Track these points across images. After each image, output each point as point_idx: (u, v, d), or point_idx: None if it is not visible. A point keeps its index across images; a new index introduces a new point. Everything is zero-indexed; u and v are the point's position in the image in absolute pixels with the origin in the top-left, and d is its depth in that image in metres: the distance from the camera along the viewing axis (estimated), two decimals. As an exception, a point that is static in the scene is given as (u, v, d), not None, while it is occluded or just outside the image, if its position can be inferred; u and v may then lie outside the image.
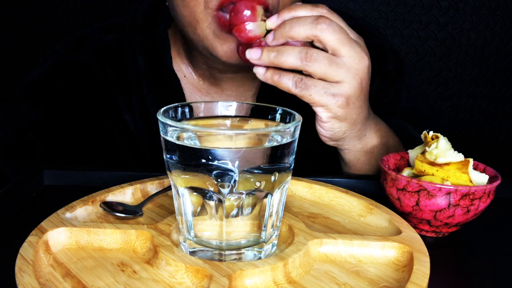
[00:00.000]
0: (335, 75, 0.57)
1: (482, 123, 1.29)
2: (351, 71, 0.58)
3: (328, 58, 0.57)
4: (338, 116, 0.61)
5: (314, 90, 0.58)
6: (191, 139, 0.42)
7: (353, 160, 0.70)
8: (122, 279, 0.41)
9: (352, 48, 0.58)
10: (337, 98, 0.59)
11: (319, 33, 0.56)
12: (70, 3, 1.21)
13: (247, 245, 0.44)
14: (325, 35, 0.56)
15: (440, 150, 0.54)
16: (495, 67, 1.26)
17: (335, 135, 0.64)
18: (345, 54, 0.58)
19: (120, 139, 0.80)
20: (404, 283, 0.40)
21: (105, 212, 0.51)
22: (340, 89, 0.58)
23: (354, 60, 0.58)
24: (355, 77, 0.59)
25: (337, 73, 0.57)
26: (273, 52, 0.57)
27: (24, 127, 0.78)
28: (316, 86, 0.58)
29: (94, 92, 0.80)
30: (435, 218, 0.52)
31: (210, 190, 0.41)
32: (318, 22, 0.56)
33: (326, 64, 0.57)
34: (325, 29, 0.56)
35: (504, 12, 1.22)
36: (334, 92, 0.58)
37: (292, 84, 0.58)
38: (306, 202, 0.58)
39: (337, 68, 0.57)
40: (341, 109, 0.60)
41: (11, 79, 1.27)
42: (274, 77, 0.59)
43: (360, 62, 0.59)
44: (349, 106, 0.60)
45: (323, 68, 0.57)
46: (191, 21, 0.66)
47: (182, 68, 0.81)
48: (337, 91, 0.59)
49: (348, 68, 0.58)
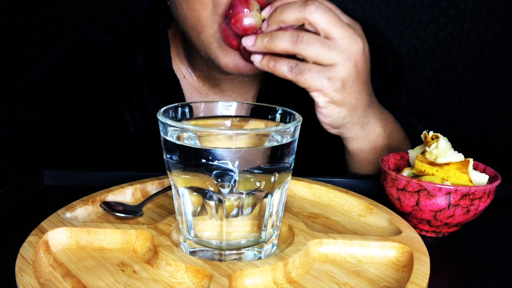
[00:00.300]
0: (328, 58, 0.57)
1: (482, 123, 1.29)
2: (344, 53, 0.58)
3: (320, 41, 0.57)
4: (335, 101, 0.60)
5: (309, 74, 0.58)
6: (191, 139, 0.42)
7: (356, 150, 0.69)
8: (122, 279, 0.41)
9: (344, 30, 0.58)
10: (332, 81, 0.59)
11: (308, 15, 0.56)
12: (70, 3, 1.21)
13: (247, 245, 0.44)
14: (314, 16, 0.56)
15: (440, 150, 0.54)
16: (495, 67, 1.26)
17: (335, 121, 0.64)
18: (336, 36, 0.57)
19: (120, 139, 0.80)
20: (404, 283, 0.40)
21: (105, 212, 0.51)
22: (335, 72, 0.58)
23: (347, 42, 0.58)
24: (349, 59, 0.58)
25: (329, 56, 0.57)
26: (266, 37, 0.58)
27: (24, 127, 0.78)
28: (310, 70, 0.58)
29: (94, 92, 0.80)
30: (435, 218, 0.52)
31: (210, 190, 0.41)
32: (307, 4, 0.56)
33: (318, 47, 0.57)
34: (314, 11, 0.56)
35: (504, 12, 1.22)
36: (329, 75, 0.58)
37: (288, 69, 0.58)
38: (306, 202, 0.58)
39: (330, 50, 0.57)
40: (338, 93, 0.60)
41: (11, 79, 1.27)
42: (269, 64, 0.59)
43: (353, 44, 0.58)
44: (346, 90, 0.60)
45: (315, 50, 0.57)
46: (195, 24, 0.66)
47: (182, 69, 0.81)
48: (332, 74, 0.58)
49: (341, 50, 0.57)
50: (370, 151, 0.69)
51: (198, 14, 0.64)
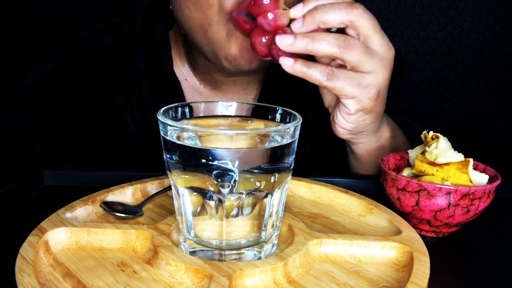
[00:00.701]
0: (369, 64, 0.56)
1: (482, 123, 1.30)
2: (384, 61, 0.57)
3: (364, 47, 0.55)
4: (367, 109, 0.59)
5: (347, 82, 0.56)
6: (191, 139, 0.42)
7: (365, 154, 0.68)
8: (122, 279, 0.41)
9: (383, 36, 0.57)
10: (369, 89, 0.57)
11: (356, 18, 0.54)
12: (70, 3, 1.21)
13: (247, 245, 0.44)
14: (362, 20, 0.54)
15: (440, 150, 0.54)
16: (495, 67, 1.26)
17: (357, 128, 0.62)
18: (376, 42, 0.56)
19: (120, 139, 0.80)
20: (404, 283, 0.40)
21: (105, 212, 0.51)
22: (373, 80, 0.57)
23: (385, 49, 0.57)
24: (386, 67, 0.57)
25: (371, 62, 0.56)
26: (307, 38, 0.54)
27: (24, 127, 0.78)
28: (349, 78, 0.56)
29: (94, 92, 0.80)
30: (435, 218, 0.52)
31: (210, 190, 0.41)
32: (355, 7, 0.54)
33: (363, 53, 0.55)
34: (362, 14, 0.54)
35: (504, 12, 1.22)
36: (366, 83, 0.56)
37: (323, 76, 0.55)
38: (306, 202, 0.58)
39: (372, 57, 0.56)
40: (371, 101, 0.58)
41: (11, 79, 1.27)
42: (303, 69, 0.55)
43: (389, 51, 0.57)
44: (379, 98, 0.59)
45: (360, 56, 0.55)
46: (202, 24, 0.65)
47: (183, 71, 0.81)
48: (370, 82, 0.57)
49: (381, 58, 0.56)
50: (377, 154, 0.68)
51: (205, 14, 0.64)
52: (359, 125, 0.62)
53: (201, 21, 0.65)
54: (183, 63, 0.80)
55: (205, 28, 0.66)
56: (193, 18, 0.66)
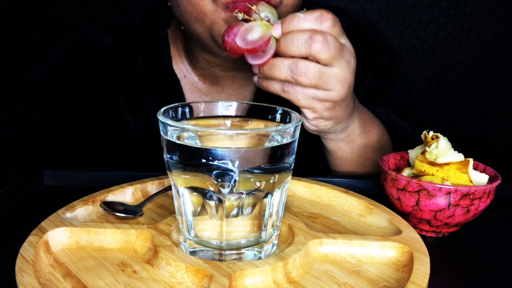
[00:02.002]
0: (325, 85, 0.59)
1: (482, 123, 1.29)
2: (340, 81, 0.59)
3: (317, 72, 0.58)
4: (324, 117, 0.63)
5: (302, 96, 0.59)
6: (192, 139, 0.42)
7: (334, 148, 0.71)
8: (122, 279, 0.41)
9: (342, 59, 0.59)
10: (324, 103, 0.60)
11: (314, 53, 0.57)
12: (70, 3, 1.21)
13: (247, 245, 0.44)
14: (320, 55, 0.57)
15: (440, 150, 0.54)
16: (495, 67, 1.26)
17: (320, 130, 0.66)
18: (335, 66, 0.58)
19: (120, 139, 0.80)
20: (404, 283, 0.40)
21: (105, 212, 0.51)
22: (328, 96, 0.60)
23: (343, 70, 0.59)
24: (343, 85, 0.60)
25: (326, 84, 0.59)
26: (267, 66, 0.59)
27: (25, 127, 0.78)
28: (304, 92, 0.59)
29: (94, 92, 0.80)
30: (435, 218, 0.52)
31: (210, 190, 0.41)
32: (313, 41, 0.56)
33: (316, 78, 0.58)
34: (319, 49, 0.56)
35: (504, 12, 1.22)
36: (321, 97, 0.60)
37: (280, 89, 0.60)
38: (306, 202, 0.58)
39: (327, 79, 0.58)
40: (328, 111, 0.62)
41: (11, 79, 1.27)
42: (263, 83, 0.61)
43: (347, 70, 0.60)
44: (335, 108, 0.62)
45: (313, 81, 0.58)
46: (198, 15, 0.66)
47: (182, 68, 0.81)
48: (325, 97, 0.60)
49: (337, 78, 0.59)
50: (348, 149, 0.71)
51: (199, 6, 0.65)
52: (321, 128, 0.65)
53: (195, 14, 0.66)
54: (182, 60, 0.81)
55: (201, 19, 0.66)
56: (189, 11, 0.67)
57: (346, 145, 0.70)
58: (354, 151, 0.71)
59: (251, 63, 0.59)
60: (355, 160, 0.72)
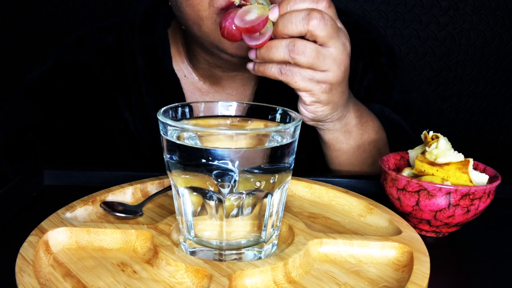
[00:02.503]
0: (321, 65, 0.59)
1: (482, 123, 1.29)
2: (336, 61, 0.60)
3: (315, 50, 0.59)
4: (322, 101, 0.63)
5: (299, 77, 0.60)
6: (192, 139, 0.42)
7: (331, 139, 0.71)
8: (122, 279, 0.41)
9: (338, 39, 0.60)
10: (321, 84, 0.61)
11: (312, 29, 0.57)
12: (70, 3, 1.21)
13: (247, 245, 0.44)
14: (317, 31, 0.58)
15: (440, 150, 0.54)
16: (495, 67, 1.26)
17: (317, 117, 0.66)
18: (331, 46, 0.59)
19: (120, 139, 0.80)
20: (404, 283, 0.40)
21: (105, 212, 0.51)
22: (325, 77, 0.60)
23: (339, 51, 0.60)
24: (339, 67, 0.61)
25: (323, 64, 0.59)
26: (263, 49, 0.60)
27: (25, 127, 0.78)
28: (301, 73, 0.60)
29: (94, 92, 0.80)
30: (435, 218, 0.52)
31: (210, 190, 0.41)
32: (310, 17, 0.57)
33: (313, 56, 0.59)
34: (317, 25, 0.57)
35: (504, 12, 1.22)
36: (319, 79, 0.60)
37: (278, 71, 0.60)
38: (306, 202, 0.58)
39: (324, 59, 0.59)
40: (325, 94, 0.62)
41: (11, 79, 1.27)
42: (260, 68, 0.62)
43: (343, 51, 0.61)
44: (332, 92, 0.62)
45: (310, 60, 0.59)
46: (195, 19, 0.67)
47: (182, 68, 0.81)
48: (322, 78, 0.60)
49: (334, 58, 0.60)
50: (345, 140, 0.71)
51: (197, 9, 0.65)
52: (318, 114, 0.65)
53: (193, 16, 0.67)
54: (183, 60, 0.81)
55: (198, 23, 0.67)
56: (187, 14, 0.67)
57: (343, 135, 0.71)
58: (351, 142, 0.71)
59: (249, 44, 0.59)
60: (351, 152, 0.72)
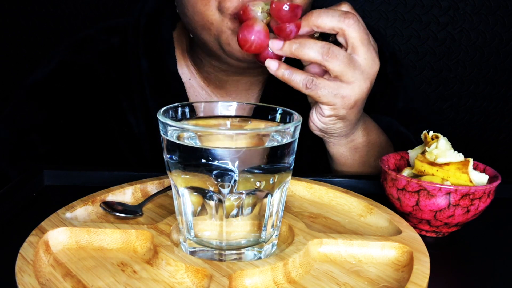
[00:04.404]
0: (350, 76, 0.58)
1: (482, 123, 1.30)
2: (364, 74, 0.59)
3: (347, 57, 0.58)
4: (340, 116, 0.62)
5: (325, 92, 0.59)
6: (191, 139, 0.42)
7: (336, 154, 0.71)
8: (122, 279, 0.41)
9: (369, 50, 0.59)
10: (346, 99, 0.60)
11: (346, 27, 0.57)
12: (70, 3, 1.21)
13: (247, 245, 0.44)
14: (351, 30, 0.57)
15: (440, 150, 0.54)
16: (495, 67, 1.26)
17: (327, 129, 0.65)
18: (361, 55, 0.58)
19: (122, 140, 0.80)
20: (404, 283, 0.40)
21: (105, 212, 0.51)
22: (351, 91, 0.59)
23: (368, 63, 0.59)
24: (366, 81, 0.60)
25: (352, 74, 0.58)
26: (295, 44, 0.58)
27: (28, 127, 0.78)
28: (327, 88, 0.59)
29: (98, 93, 0.80)
30: (435, 218, 0.52)
31: (210, 190, 0.41)
32: (347, 16, 0.57)
33: (345, 63, 0.57)
34: (352, 24, 0.57)
35: (504, 12, 1.22)
36: (344, 94, 0.59)
37: (303, 84, 0.59)
38: (306, 202, 0.58)
39: (354, 69, 0.58)
40: (346, 110, 0.61)
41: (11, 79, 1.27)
42: (285, 74, 0.59)
43: (373, 66, 0.60)
44: (354, 108, 0.61)
45: (341, 66, 0.57)
46: (204, 24, 0.66)
47: (186, 71, 0.81)
48: (347, 93, 0.59)
49: (362, 70, 0.59)
50: (350, 156, 0.71)
51: (206, 15, 0.64)
52: (330, 127, 0.65)
53: (201, 22, 0.66)
54: (187, 63, 0.80)
55: (208, 28, 0.66)
56: (195, 20, 0.66)
57: (349, 152, 0.70)
58: (356, 158, 0.71)
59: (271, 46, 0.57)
60: (356, 167, 0.72)
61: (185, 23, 0.71)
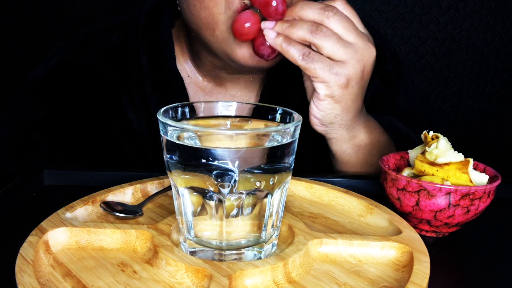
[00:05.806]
0: (342, 54, 0.59)
1: (482, 123, 1.30)
2: (357, 54, 0.60)
3: (337, 36, 0.59)
4: (335, 96, 0.62)
5: (320, 65, 0.60)
6: (191, 139, 0.42)
7: (339, 152, 0.71)
8: (122, 279, 0.41)
9: (358, 36, 0.60)
10: (339, 77, 0.61)
11: (326, 19, 0.58)
12: (70, 3, 1.21)
13: (247, 245, 0.44)
14: (331, 21, 0.58)
15: (440, 150, 0.54)
16: (495, 67, 1.26)
17: (326, 118, 0.65)
18: (351, 41, 0.60)
19: (123, 138, 0.80)
20: (404, 283, 0.40)
21: (105, 212, 0.51)
22: (344, 69, 0.60)
23: (361, 46, 0.60)
24: (359, 61, 0.61)
25: (344, 52, 0.59)
26: (286, 24, 0.60)
27: (29, 124, 0.78)
28: (322, 61, 0.60)
29: (98, 91, 0.80)
30: (435, 218, 0.52)
31: (210, 190, 0.41)
32: (327, 9, 0.58)
33: (335, 41, 0.59)
34: (332, 16, 0.58)
35: (504, 12, 1.22)
36: (337, 70, 0.60)
37: (299, 54, 0.60)
38: (306, 202, 0.58)
39: (345, 48, 0.59)
40: (340, 89, 0.61)
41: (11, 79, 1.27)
42: (283, 44, 0.60)
43: (365, 50, 0.61)
44: (347, 89, 0.62)
45: (331, 44, 0.59)
46: (209, 23, 0.66)
47: (186, 68, 0.81)
48: (340, 70, 0.60)
49: (354, 50, 0.60)
50: (353, 154, 0.71)
51: (212, 12, 0.65)
52: (328, 113, 0.65)
53: (207, 20, 0.66)
54: (186, 60, 0.81)
55: (212, 27, 0.66)
56: (201, 17, 0.66)
57: (352, 149, 0.70)
58: (359, 156, 0.71)
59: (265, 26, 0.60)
60: (359, 166, 0.72)
61: (188, 21, 0.71)
